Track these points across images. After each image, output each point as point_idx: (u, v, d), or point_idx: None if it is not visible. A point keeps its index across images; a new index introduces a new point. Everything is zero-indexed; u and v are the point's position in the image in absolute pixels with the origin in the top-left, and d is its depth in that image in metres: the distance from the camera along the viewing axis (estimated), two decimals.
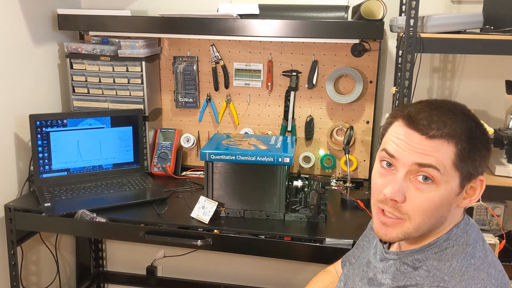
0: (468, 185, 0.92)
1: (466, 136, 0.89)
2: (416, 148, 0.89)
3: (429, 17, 1.55)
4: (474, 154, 0.89)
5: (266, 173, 1.71)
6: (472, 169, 0.90)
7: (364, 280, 1.08)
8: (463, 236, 0.95)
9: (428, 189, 0.89)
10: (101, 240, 2.48)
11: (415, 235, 0.93)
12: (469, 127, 0.90)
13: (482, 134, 0.92)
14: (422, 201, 0.89)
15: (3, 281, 1.89)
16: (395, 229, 0.93)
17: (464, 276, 0.88)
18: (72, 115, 2.01)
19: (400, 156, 0.91)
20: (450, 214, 0.94)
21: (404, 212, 0.91)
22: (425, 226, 0.92)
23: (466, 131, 0.89)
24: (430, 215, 0.90)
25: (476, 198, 0.93)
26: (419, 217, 0.90)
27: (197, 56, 2.16)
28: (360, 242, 1.26)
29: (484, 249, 0.95)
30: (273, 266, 2.33)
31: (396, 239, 0.95)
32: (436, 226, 0.94)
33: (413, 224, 0.91)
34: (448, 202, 0.91)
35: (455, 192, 0.91)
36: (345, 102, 2.05)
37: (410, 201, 0.90)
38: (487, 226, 1.69)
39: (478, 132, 0.91)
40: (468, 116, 0.93)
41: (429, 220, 0.91)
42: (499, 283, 0.90)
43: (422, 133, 0.89)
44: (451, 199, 0.91)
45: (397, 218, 0.92)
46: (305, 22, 1.85)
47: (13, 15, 1.87)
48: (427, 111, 0.91)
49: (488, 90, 1.98)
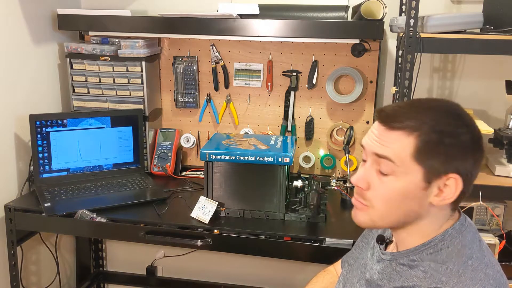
0: (437, 182, 0.90)
1: (430, 130, 0.88)
2: (379, 139, 0.93)
3: (429, 17, 1.55)
4: (437, 148, 0.88)
5: (266, 173, 1.71)
6: (437, 164, 0.89)
7: (362, 281, 1.08)
8: (458, 237, 0.94)
9: (387, 179, 0.92)
10: (101, 240, 2.48)
11: (382, 224, 0.98)
12: (440, 122, 0.89)
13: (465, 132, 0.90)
14: (382, 190, 0.93)
15: (3, 281, 1.89)
16: (362, 214, 0.98)
17: (461, 277, 0.88)
18: (72, 115, 2.01)
19: (366, 147, 0.97)
20: (426, 211, 0.93)
21: (368, 199, 0.95)
22: (391, 217, 0.94)
23: (432, 125, 0.89)
24: (394, 206, 0.93)
25: (450, 197, 0.91)
26: (381, 206, 0.94)
27: (197, 56, 2.16)
28: (359, 243, 1.26)
29: (481, 249, 0.95)
30: (273, 266, 2.33)
31: (364, 224, 0.99)
32: (408, 220, 0.95)
33: (376, 212, 0.95)
34: (414, 196, 0.91)
35: (419, 186, 0.90)
36: (345, 102, 2.05)
37: (373, 189, 0.95)
38: (487, 226, 1.69)
39: (454, 129, 0.89)
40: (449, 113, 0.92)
41: (394, 211, 0.93)
42: (497, 283, 0.90)
43: (384, 124, 0.93)
44: (417, 193, 0.91)
45: (362, 204, 0.97)
46: (305, 22, 1.85)
47: (13, 15, 1.87)
48: (401, 106, 0.94)
49: (488, 90, 1.98)
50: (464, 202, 1.61)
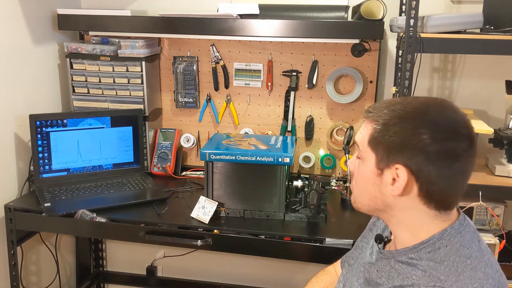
0: (389, 171, 0.94)
1: (385, 120, 0.94)
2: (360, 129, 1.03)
3: (429, 17, 1.55)
4: (382, 138, 0.94)
5: (266, 173, 1.71)
6: (385, 152, 0.94)
7: (361, 280, 1.08)
8: (456, 236, 0.94)
9: (359, 164, 1.02)
10: (101, 240, 2.48)
11: (362, 207, 1.04)
12: (396, 115, 0.93)
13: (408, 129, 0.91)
14: (357, 174, 1.03)
15: (3, 281, 1.89)
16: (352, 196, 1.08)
17: (460, 276, 0.88)
18: (72, 115, 2.01)
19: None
20: (394, 202, 0.96)
21: (352, 181, 1.07)
22: (363, 199, 1.03)
23: (389, 116, 0.94)
24: (362, 189, 1.02)
25: (399, 188, 0.93)
26: (355, 188, 1.04)
27: (197, 56, 2.16)
28: (359, 243, 1.26)
29: (480, 249, 0.95)
30: (273, 266, 2.33)
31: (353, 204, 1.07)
32: (375, 205, 1.00)
33: (354, 193, 1.05)
34: (373, 182, 0.97)
35: (374, 172, 0.97)
36: (345, 102, 2.05)
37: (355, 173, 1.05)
38: (487, 226, 1.69)
39: (404, 123, 0.91)
40: (411, 110, 0.93)
41: (362, 193, 1.02)
42: (496, 282, 0.90)
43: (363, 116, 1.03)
44: (374, 179, 0.97)
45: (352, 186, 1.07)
46: (305, 22, 1.85)
47: (13, 15, 1.87)
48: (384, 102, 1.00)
49: (488, 90, 1.98)
50: (464, 202, 1.62)
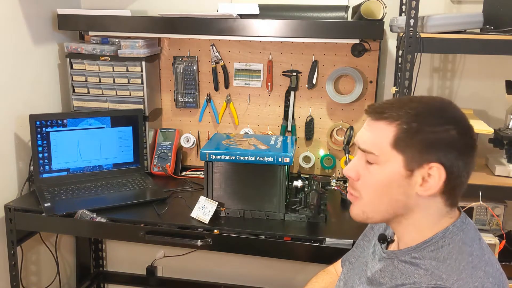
0: (420, 171, 0.91)
1: (409, 119, 0.91)
2: (366, 132, 0.97)
3: (429, 17, 1.55)
4: (416, 137, 0.90)
5: (266, 173, 1.71)
6: (417, 152, 0.90)
7: (363, 279, 1.08)
8: (459, 234, 0.95)
9: (373, 169, 0.95)
10: (101, 240, 2.48)
11: (374, 216, 0.99)
12: (418, 113, 0.92)
13: (439, 124, 0.91)
14: (369, 180, 0.96)
15: (3, 281, 1.89)
16: (354, 206, 1.01)
17: (462, 274, 0.88)
18: (72, 115, 2.01)
19: (356, 141, 1.00)
20: (415, 203, 0.94)
21: (357, 189, 0.99)
22: (379, 207, 0.97)
23: (412, 115, 0.91)
24: (380, 195, 0.95)
25: (433, 187, 0.91)
26: (369, 196, 0.97)
27: (197, 56, 2.16)
28: (360, 242, 1.26)
29: (481, 247, 0.95)
30: (273, 266, 2.33)
31: (357, 217, 1.01)
32: (397, 211, 0.96)
33: (365, 201, 0.98)
34: (398, 184, 0.93)
35: (401, 174, 0.92)
36: (345, 102, 2.05)
37: (362, 179, 0.98)
38: (487, 226, 1.69)
39: (431, 120, 0.91)
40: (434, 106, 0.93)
41: (380, 200, 0.96)
42: (497, 281, 0.90)
43: (370, 116, 0.97)
44: (401, 181, 0.93)
45: (353, 196, 1.00)
46: (305, 22, 1.85)
47: (13, 15, 1.87)
48: (390, 100, 0.98)
49: (488, 90, 1.98)
50: (464, 202, 1.62)
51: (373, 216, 0.99)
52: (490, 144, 1.74)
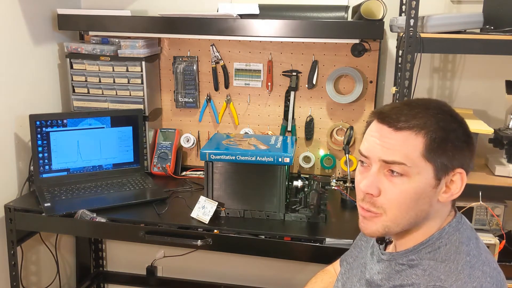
0: (446, 178, 0.91)
1: (436, 127, 0.90)
2: (385, 143, 0.91)
3: (429, 17, 1.55)
4: (445, 145, 0.89)
5: (266, 173, 1.71)
6: (446, 160, 0.90)
7: (362, 281, 1.08)
8: (455, 234, 0.95)
9: (400, 181, 0.90)
10: (101, 240, 2.48)
11: (396, 229, 0.94)
12: (441, 119, 0.91)
13: (459, 127, 0.92)
14: (396, 194, 0.91)
15: (3, 281, 1.89)
16: (373, 223, 0.95)
17: (460, 275, 0.88)
18: (72, 115, 2.01)
19: (370, 154, 0.94)
20: (434, 209, 0.94)
21: (380, 205, 0.93)
22: (404, 220, 0.93)
23: (436, 122, 0.90)
24: (407, 208, 0.91)
25: (457, 192, 0.92)
26: (395, 210, 0.92)
27: (197, 56, 2.16)
28: (358, 242, 1.26)
29: (477, 247, 0.95)
30: (273, 266, 2.33)
31: (376, 233, 0.96)
32: (418, 221, 0.94)
33: (389, 217, 0.93)
34: (426, 195, 0.91)
35: (430, 185, 0.90)
36: (345, 102, 2.05)
37: (385, 194, 0.92)
38: (487, 226, 1.69)
39: (452, 124, 0.92)
40: (443, 110, 0.94)
41: (406, 213, 0.92)
42: (494, 280, 0.90)
43: (390, 126, 0.92)
44: (428, 192, 0.91)
45: (374, 212, 0.94)
46: (305, 22, 1.85)
47: (13, 15, 1.87)
48: (399, 106, 0.94)
49: (488, 90, 1.98)
50: (464, 202, 1.62)
51: (394, 230, 0.95)
52: (490, 144, 1.74)
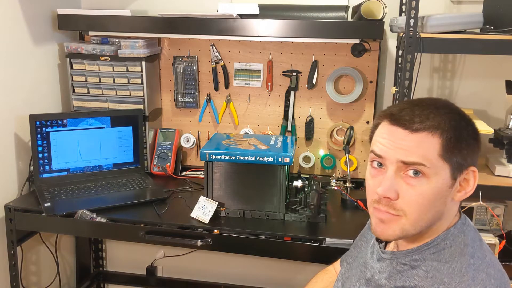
0: (460, 177, 0.92)
1: (450, 127, 0.90)
2: (401, 145, 0.91)
3: (429, 17, 1.55)
4: (460, 143, 0.90)
5: (266, 173, 1.71)
6: (461, 159, 0.91)
7: (362, 280, 1.07)
8: (460, 235, 0.94)
9: (419, 183, 0.90)
10: (101, 240, 2.48)
11: (412, 232, 0.93)
12: (453, 118, 0.92)
13: (467, 125, 0.94)
14: (415, 196, 0.90)
15: (3, 281, 1.89)
16: (391, 226, 0.93)
17: (463, 277, 0.88)
18: (72, 115, 2.01)
19: (386, 155, 0.93)
20: (447, 209, 0.94)
21: (399, 208, 0.92)
22: (422, 221, 0.92)
23: (449, 122, 0.91)
24: (426, 210, 0.91)
25: (471, 190, 0.93)
26: (415, 213, 0.91)
27: (197, 56, 2.16)
28: (358, 242, 1.26)
29: (482, 249, 0.95)
30: (273, 266, 2.33)
31: (393, 237, 0.95)
32: (433, 222, 0.93)
33: (409, 220, 0.91)
34: (443, 195, 0.91)
35: (447, 184, 0.91)
36: (345, 102, 2.05)
37: (403, 197, 0.91)
38: (487, 226, 1.69)
39: (462, 123, 0.93)
40: (451, 108, 0.95)
41: (425, 215, 0.91)
42: (499, 283, 0.90)
43: (405, 128, 0.91)
44: (445, 192, 0.91)
45: (393, 214, 0.93)
46: (305, 22, 1.85)
47: (13, 15, 1.87)
48: (408, 108, 0.93)
49: (488, 90, 1.98)
50: (464, 202, 1.61)
51: (411, 233, 0.93)
52: (490, 144, 1.74)
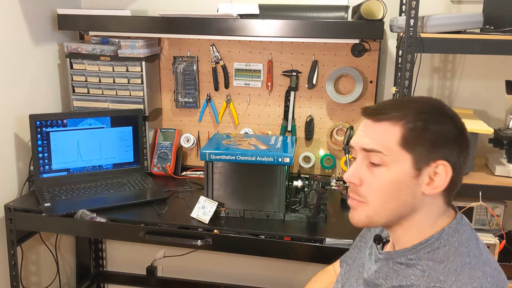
0: (427, 169, 0.92)
1: (415, 118, 0.91)
2: (367, 134, 0.95)
3: (429, 17, 1.55)
4: (424, 135, 0.91)
5: (266, 173, 1.71)
6: (425, 150, 0.91)
7: (360, 281, 1.08)
8: (454, 235, 0.94)
9: (379, 171, 0.93)
10: (101, 240, 2.48)
11: (380, 220, 0.96)
12: (424, 111, 0.92)
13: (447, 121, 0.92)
14: (375, 183, 0.94)
15: (3, 281, 1.89)
16: (358, 212, 0.97)
17: (459, 276, 0.88)
18: (72, 115, 2.01)
19: (354, 144, 0.98)
20: (420, 203, 0.94)
21: (362, 195, 0.96)
22: (386, 210, 0.95)
23: (417, 114, 0.92)
24: (388, 198, 0.93)
25: (441, 185, 0.92)
26: (376, 199, 0.94)
27: (197, 56, 2.16)
28: (357, 243, 1.26)
29: (478, 248, 0.95)
30: (273, 266, 2.33)
31: (361, 223, 0.98)
32: (403, 213, 0.95)
33: (372, 207, 0.95)
34: (407, 185, 0.92)
35: (410, 174, 0.92)
36: (345, 102, 2.05)
37: (366, 184, 0.95)
38: (487, 226, 1.69)
39: (438, 118, 0.92)
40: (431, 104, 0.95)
41: (388, 204, 0.94)
42: (495, 280, 0.90)
43: (371, 118, 0.96)
44: (409, 182, 0.92)
45: (358, 200, 0.97)
46: (305, 22, 1.85)
47: (13, 15, 1.87)
48: (386, 101, 0.98)
49: (488, 90, 1.98)
50: (464, 202, 1.62)
51: (378, 221, 0.97)
52: (490, 144, 1.74)
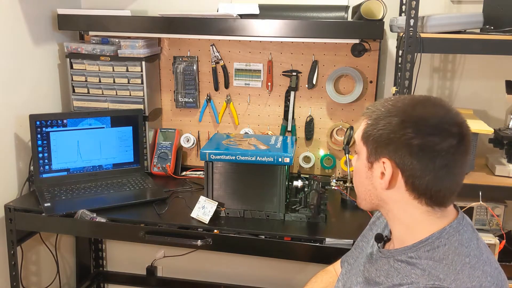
0: (377, 164, 0.97)
1: (376, 116, 0.98)
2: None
3: (429, 17, 1.55)
4: (375, 132, 0.96)
5: (266, 173, 1.71)
6: (375, 146, 0.97)
7: (360, 279, 1.08)
8: (455, 235, 0.95)
9: (356, 159, 1.06)
10: (101, 240, 2.48)
11: (362, 202, 1.07)
12: (385, 111, 0.96)
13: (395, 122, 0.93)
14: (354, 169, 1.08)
15: (3, 281, 1.89)
16: None
17: (459, 274, 0.89)
18: (72, 115, 2.01)
19: None
20: (388, 197, 0.98)
21: None
22: (360, 194, 1.06)
23: (380, 113, 0.98)
24: (357, 183, 1.06)
25: (385, 181, 0.96)
26: (354, 184, 1.09)
27: (197, 56, 2.16)
28: (359, 243, 1.26)
29: (478, 247, 0.95)
30: (273, 266, 2.33)
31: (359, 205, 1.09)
32: (374, 200, 1.02)
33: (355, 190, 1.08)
34: (365, 175, 1.01)
35: (365, 165, 1.01)
36: (345, 102, 2.05)
37: None
38: (487, 226, 1.69)
39: (387, 119, 0.95)
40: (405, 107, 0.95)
41: (358, 188, 1.06)
42: (495, 280, 0.91)
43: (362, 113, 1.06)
44: (366, 172, 1.01)
45: None
46: (305, 22, 1.85)
47: (13, 15, 1.87)
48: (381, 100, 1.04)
49: (488, 90, 1.98)
50: (464, 202, 1.62)
51: (361, 203, 1.07)
52: (490, 144, 1.74)
